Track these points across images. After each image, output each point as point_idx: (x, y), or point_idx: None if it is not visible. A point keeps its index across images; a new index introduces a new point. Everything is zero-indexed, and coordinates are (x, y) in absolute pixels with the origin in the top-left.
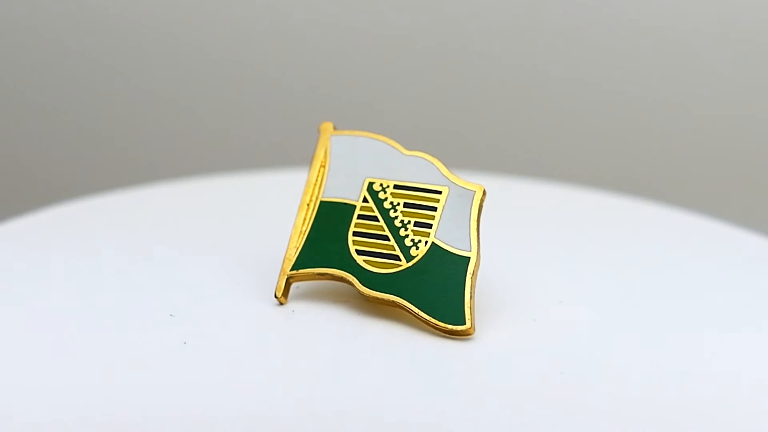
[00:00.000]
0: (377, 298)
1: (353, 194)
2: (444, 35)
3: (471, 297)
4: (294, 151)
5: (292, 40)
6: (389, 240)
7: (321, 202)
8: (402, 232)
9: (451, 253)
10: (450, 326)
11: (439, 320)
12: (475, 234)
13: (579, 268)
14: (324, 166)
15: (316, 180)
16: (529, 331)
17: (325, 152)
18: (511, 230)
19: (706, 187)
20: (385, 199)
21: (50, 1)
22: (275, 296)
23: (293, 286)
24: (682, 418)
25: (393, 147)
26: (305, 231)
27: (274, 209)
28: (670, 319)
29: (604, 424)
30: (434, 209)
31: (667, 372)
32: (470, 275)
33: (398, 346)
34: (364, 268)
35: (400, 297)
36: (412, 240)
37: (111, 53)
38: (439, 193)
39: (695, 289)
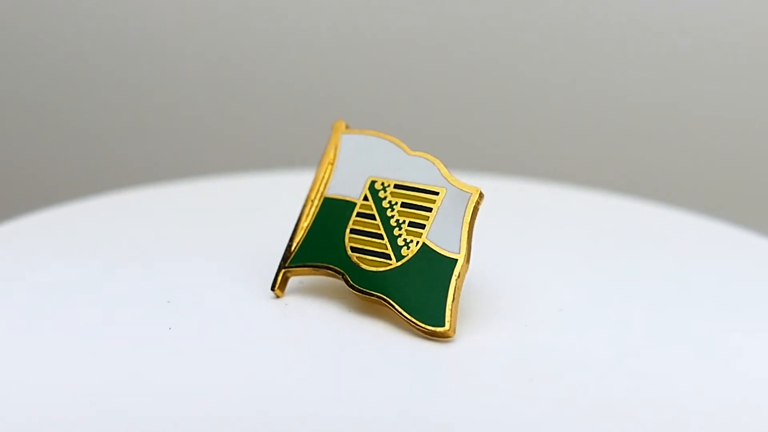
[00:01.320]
0: (365, 296)
1: (355, 192)
2: (444, 36)
3: (454, 299)
4: (297, 152)
5: (295, 42)
6: (383, 239)
7: (325, 198)
8: (396, 232)
9: (440, 254)
10: (430, 327)
11: (419, 320)
12: (466, 236)
13: (578, 269)
14: (332, 164)
15: (323, 177)
16: (519, 336)
17: (335, 150)
18: (510, 231)
19: (706, 187)
20: (384, 198)
21: (51, 2)
22: (272, 289)
23: (297, 280)
24: (681, 419)
25: (398, 147)
26: (307, 226)
27: (278, 209)
28: (669, 320)
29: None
30: (429, 210)
31: (662, 372)
32: (455, 277)
33: (383, 345)
34: (355, 265)
35: (386, 295)
36: (405, 240)
37: (112, 54)
38: (437, 194)
39: (695, 290)
